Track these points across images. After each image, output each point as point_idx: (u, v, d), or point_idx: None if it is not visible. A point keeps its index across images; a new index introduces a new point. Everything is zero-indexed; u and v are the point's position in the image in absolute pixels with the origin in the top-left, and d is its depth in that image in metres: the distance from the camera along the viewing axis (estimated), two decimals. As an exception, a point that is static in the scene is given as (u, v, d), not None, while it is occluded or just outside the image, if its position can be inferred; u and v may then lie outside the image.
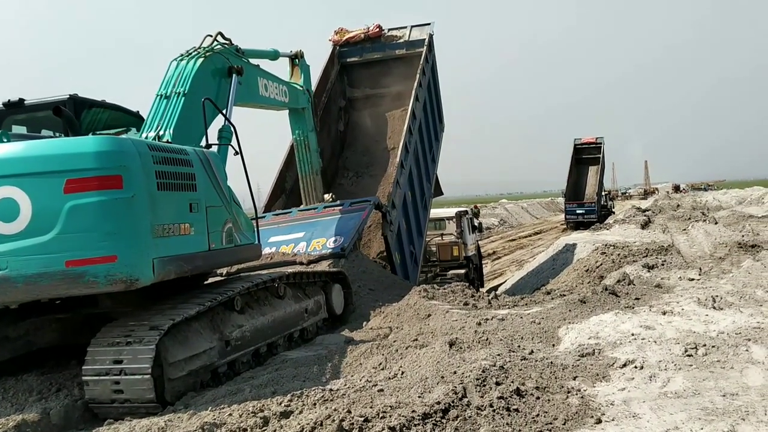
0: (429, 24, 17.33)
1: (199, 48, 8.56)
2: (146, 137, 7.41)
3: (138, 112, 8.10)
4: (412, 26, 17.41)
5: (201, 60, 8.25)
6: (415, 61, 16.29)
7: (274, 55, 11.31)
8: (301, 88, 11.90)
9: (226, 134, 8.31)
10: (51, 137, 6.32)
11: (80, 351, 5.85)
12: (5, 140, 5.73)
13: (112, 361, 5.57)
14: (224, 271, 9.79)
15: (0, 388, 6.04)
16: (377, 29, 17.19)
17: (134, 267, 5.54)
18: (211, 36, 8.85)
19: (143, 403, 5.54)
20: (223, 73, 8.77)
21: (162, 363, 5.70)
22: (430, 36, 16.92)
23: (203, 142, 7.66)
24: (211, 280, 8.23)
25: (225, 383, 6.30)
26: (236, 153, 7.95)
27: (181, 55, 8.39)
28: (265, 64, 10.53)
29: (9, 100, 7.36)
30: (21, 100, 7.34)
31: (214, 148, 7.68)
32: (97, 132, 8.12)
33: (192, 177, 6.54)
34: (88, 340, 5.80)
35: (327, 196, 13.26)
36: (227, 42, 9.14)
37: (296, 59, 12.22)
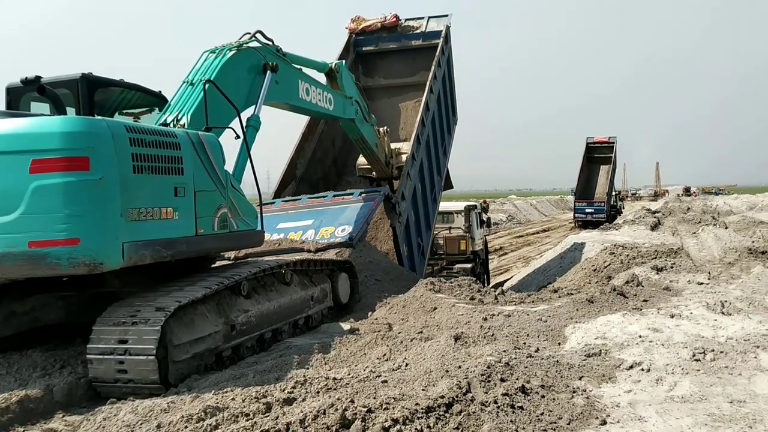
0: (447, 15, 17.23)
1: (234, 42, 8.59)
2: (165, 120, 7.39)
3: (160, 92, 8.07)
4: (430, 17, 17.31)
5: (232, 53, 8.27)
6: (431, 52, 16.19)
7: (323, 67, 11.29)
8: (348, 98, 11.74)
9: (254, 123, 8.40)
10: (42, 115, 6.24)
11: (85, 329, 5.85)
12: None
13: (117, 341, 5.56)
14: (232, 255, 9.80)
15: (5, 362, 6.05)
16: (394, 19, 17.10)
17: (98, 251, 5.44)
18: (250, 33, 8.88)
19: (146, 384, 5.53)
20: (258, 70, 8.79)
21: (167, 345, 5.69)
22: (447, 28, 16.82)
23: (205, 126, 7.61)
24: (218, 263, 8.23)
25: (229, 367, 6.30)
26: (237, 137, 7.95)
27: (215, 47, 8.43)
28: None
29: (26, 78, 7.33)
30: (37, 78, 7.30)
31: (238, 136, 7.67)
32: (124, 112, 8.12)
33: (179, 160, 6.41)
34: (93, 318, 5.80)
35: (382, 129, 13.29)
36: (269, 41, 9.17)
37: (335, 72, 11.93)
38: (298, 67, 10.10)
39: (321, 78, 11.26)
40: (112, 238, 5.54)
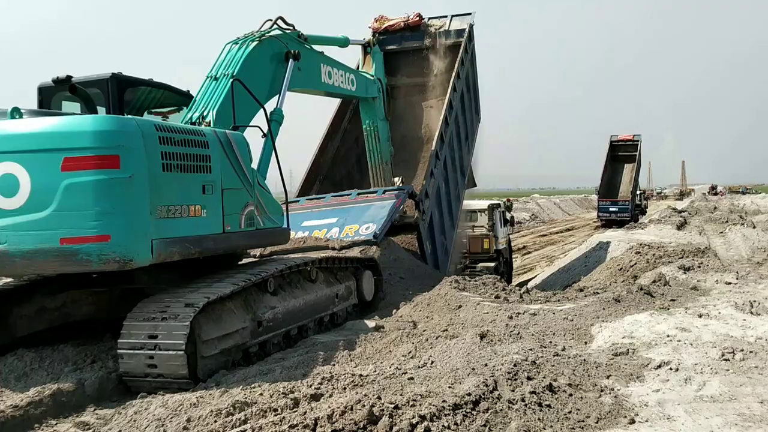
0: (470, 14, 17.14)
1: (257, 32, 8.54)
2: (191, 117, 7.47)
3: (188, 91, 8.14)
4: (453, 16, 17.23)
5: (254, 44, 8.25)
6: (454, 51, 16.14)
7: (343, 42, 11.25)
8: (371, 78, 11.77)
9: (277, 117, 8.40)
10: (73, 114, 6.33)
11: (115, 325, 5.95)
12: (17, 117, 5.74)
13: (147, 336, 5.64)
14: (258, 252, 9.87)
15: (37, 357, 6.16)
16: (417, 18, 17.05)
17: (128, 247, 5.52)
18: (271, 20, 8.84)
19: (176, 379, 5.61)
20: (280, 58, 8.76)
21: (195, 340, 5.77)
22: (471, 26, 16.74)
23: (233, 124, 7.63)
24: (245, 261, 8.30)
25: (256, 363, 6.36)
26: (263, 135, 7.97)
27: (237, 38, 8.39)
28: (334, 52, 10.53)
29: (57, 77, 7.45)
30: (68, 77, 7.42)
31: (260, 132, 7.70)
32: (152, 111, 8.21)
33: (207, 159, 6.48)
34: (123, 314, 5.89)
35: (396, 180, 13.38)
36: (289, 27, 9.13)
37: (368, 47, 12.08)
38: (320, 49, 10.00)
39: (342, 56, 11.16)
40: (141, 235, 5.62)
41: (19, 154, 5.43)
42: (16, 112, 5.75)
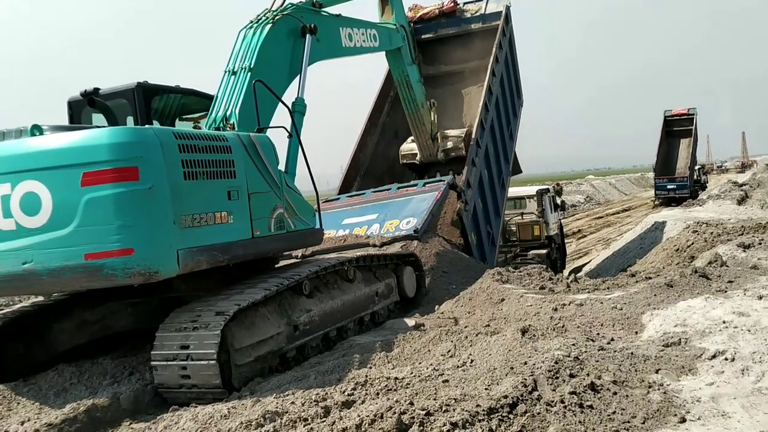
0: (506, -5, 16.72)
1: (269, 11, 8.23)
2: (214, 119, 7.38)
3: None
4: (489, -2, 16.84)
5: (268, 27, 7.96)
6: (491, 34, 15.76)
7: None
8: (394, 26, 11.50)
9: (299, 108, 8.14)
10: (95, 127, 6.30)
11: (154, 335, 5.91)
12: (37, 134, 5.72)
13: (179, 347, 5.58)
14: (299, 253, 9.78)
15: (76, 371, 6.20)
16: (452, 4, 16.73)
17: (153, 259, 5.44)
18: None
19: (210, 389, 5.54)
20: (297, 35, 8.45)
21: (228, 348, 5.68)
22: (507, 8, 16.33)
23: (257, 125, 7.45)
24: (283, 263, 8.21)
25: (292, 369, 6.26)
26: (289, 135, 7.78)
27: (251, 21, 8.11)
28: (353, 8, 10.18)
29: (85, 90, 7.47)
30: (96, 90, 7.44)
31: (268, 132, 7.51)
32: (183, 118, 8.18)
33: (230, 164, 6.35)
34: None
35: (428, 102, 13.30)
36: None
37: None
38: (337, 11, 9.64)
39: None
40: (165, 246, 5.55)
41: (39, 172, 5.42)
42: (36, 129, 5.74)
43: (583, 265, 21.65)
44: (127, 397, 5.52)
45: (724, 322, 5.86)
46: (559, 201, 20.36)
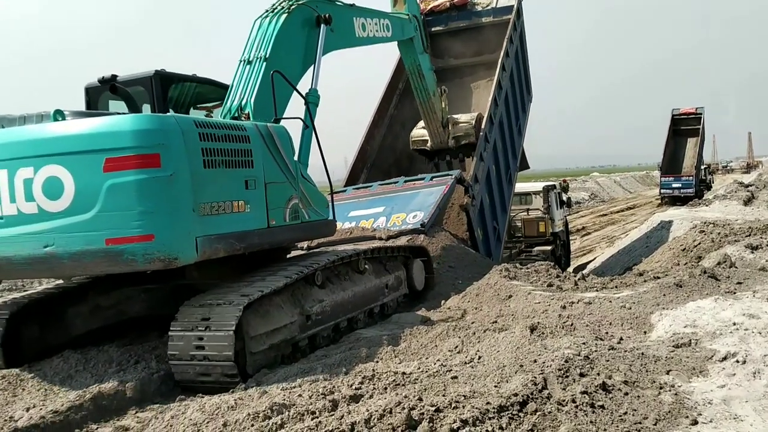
0: (518, -10, 16.62)
1: (285, 1, 8.17)
2: (229, 108, 7.36)
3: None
4: (500, -8, 16.74)
5: (284, 17, 7.92)
6: (502, 28, 15.68)
7: None
8: (406, 17, 11.52)
9: (313, 98, 8.09)
10: (115, 114, 6.31)
11: (164, 322, 5.95)
12: (60, 119, 5.75)
13: (195, 338, 5.60)
14: (305, 245, 9.77)
15: (82, 358, 6.21)
16: (464, -4, 16.63)
17: (172, 246, 5.47)
18: None
19: (226, 377, 5.57)
20: (311, 25, 8.42)
21: (243, 337, 5.72)
22: (519, 2, 16.24)
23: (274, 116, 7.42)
24: (293, 253, 8.20)
25: (299, 361, 6.25)
26: (306, 127, 7.75)
27: (266, 11, 8.08)
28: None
29: (103, 77, 7.47)
30: (114, 77, 7.44)
31: (283, 123, 7.47)
32: (198, 106, 8.17)
33: (249, 153, 6.38)
34: (174, 311, 5.89)
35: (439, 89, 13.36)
36: None
37: None
38: (351, 2, 9.61)
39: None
40: (185, 233, 5.58)
41: (62, 156, 5.44)
42: (59, 114, 5.78)
43: (588, 263, 21.60)
44: (133, 386, 5.50)
45: (734, 324, 5.85)
46: (565, 198, 20.31)
